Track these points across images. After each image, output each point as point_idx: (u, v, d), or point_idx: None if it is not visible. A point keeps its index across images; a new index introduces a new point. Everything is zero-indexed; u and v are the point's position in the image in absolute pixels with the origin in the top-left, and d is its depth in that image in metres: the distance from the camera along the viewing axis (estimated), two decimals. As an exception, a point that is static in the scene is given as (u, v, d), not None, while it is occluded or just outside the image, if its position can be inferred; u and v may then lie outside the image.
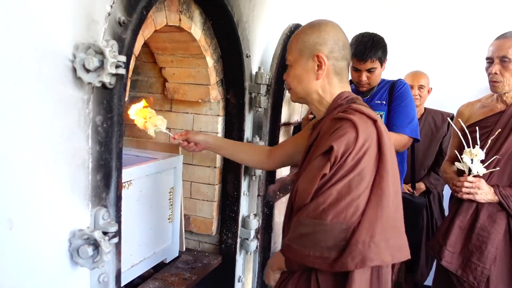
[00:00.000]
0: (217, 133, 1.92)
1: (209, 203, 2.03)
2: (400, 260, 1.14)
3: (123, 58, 1.02)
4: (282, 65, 2.04)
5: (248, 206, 2.11)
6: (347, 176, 1.11)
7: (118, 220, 1.14)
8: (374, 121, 1.18)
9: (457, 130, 1.89)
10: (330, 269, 1.12)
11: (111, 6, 1.05)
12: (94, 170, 1.05)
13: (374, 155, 1.14)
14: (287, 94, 2.13)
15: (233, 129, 1.96)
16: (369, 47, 2.01)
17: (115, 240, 1.08)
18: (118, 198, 1.14)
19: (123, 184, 1.54)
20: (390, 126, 2.02)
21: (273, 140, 2.07)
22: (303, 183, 1.18)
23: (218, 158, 1.99)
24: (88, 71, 0.94)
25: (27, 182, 0.86)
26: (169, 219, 1.88)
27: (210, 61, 1.77)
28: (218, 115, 1.93)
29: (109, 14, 1.04)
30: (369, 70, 2.05)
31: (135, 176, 1.59)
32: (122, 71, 1.02)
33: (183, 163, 1.93)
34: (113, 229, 1.07)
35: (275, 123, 2.07)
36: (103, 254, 0.97)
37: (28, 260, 0.88)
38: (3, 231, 0.81)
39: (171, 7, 1.46)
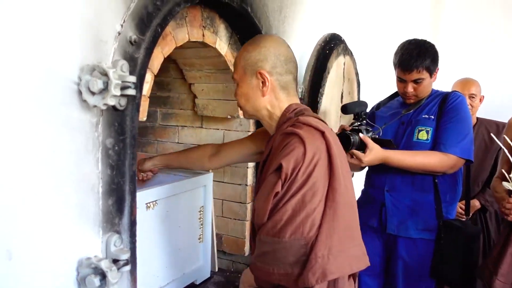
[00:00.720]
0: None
1: (241, 222, 1.96)
2: (359, 269, 1.16)
3: (132, 79, 0.98)
4: (315, 77, 1.95)
5: (282, 225, 2.01)
6: (299, 192, 1.11)
7: (133, 246, 1.10)
8: (322, 133, 1.18)
9: (503, 148, 1.68)
10: (295, 285, 1.12)
11: (121, 25, 1.02)
12: (105, 195, 1.01)
13: (325, 167, 1.15)
14: (322, 106, 2.03)
15: (264, 145, 1.88)
16: (415, 56, 1.81)
17: (127, 268, 1.03)
18: (133, 223, 1.09)
19: (148, 205, 1.51)
20: (437, 145, 1.80)
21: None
22: (259, 201, 1.18)
23: (250, 175, 1.92)
24: (93, 93, 0.91)
25: (28, 209, 0.83)
26: (199, 238, 1.82)
27: (238, 76, 1.71)
28: (248, 131, 1.86)
29: (119, 33, 1.01)
30: (416, 81, 1.84)
31: (160, 196, 1.55)
32: (131, 92, 0.98)
33: (214, 181, 1.88)
34: (125, 256, 1.02)
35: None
36: (110, 285, 0.92)
37: (31, 291, 0.85)
38: (1, 262, 0.79)
39: (194, 23, 1.42)
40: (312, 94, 1.93)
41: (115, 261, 1.01)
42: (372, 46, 2.85)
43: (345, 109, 1.75)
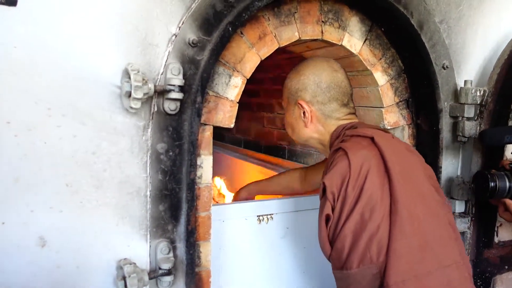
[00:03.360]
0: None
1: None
2: None
3: (177, 82, 0.94)
4: (509, 74, 1.41)
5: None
6: (355, 209, 0.95)
7: (190, 257, 1.04)
8: (371, 138, 1.05)
9: None
10: None
11: (179, 27, 0.99)
12: (155, 200, 1.00)
13: (381, 176, 0.98)
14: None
15: (425, 165, 1.49)
16: None
17: (168, 278, 0.99)
18: (190, 233, 1.04)
19: (260, 217, 1.42)
20: None
21: (489, 183, 1.43)
22: (319, 232, 1.03)
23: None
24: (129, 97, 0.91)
25: (66, 204, 0.90)
26: (334, 264, 1.60)
27: (381, 77, 1.41)
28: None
29: (175, 36, 0.98)
30: None
31: (277, 209, 1.44)
32: (176, 95, 0.94)
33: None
34: (166, 266, 0.98)
35: (492, 159, 1.43)
36: (128, 292, 0.90)
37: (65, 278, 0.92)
38: (34, 248, 0.88)
39: (307, 18, 1.25)
40: (500, 99, 1.39)
41: (159, 269, 0.99)
42: None
43: (482, 137, 1.21)
